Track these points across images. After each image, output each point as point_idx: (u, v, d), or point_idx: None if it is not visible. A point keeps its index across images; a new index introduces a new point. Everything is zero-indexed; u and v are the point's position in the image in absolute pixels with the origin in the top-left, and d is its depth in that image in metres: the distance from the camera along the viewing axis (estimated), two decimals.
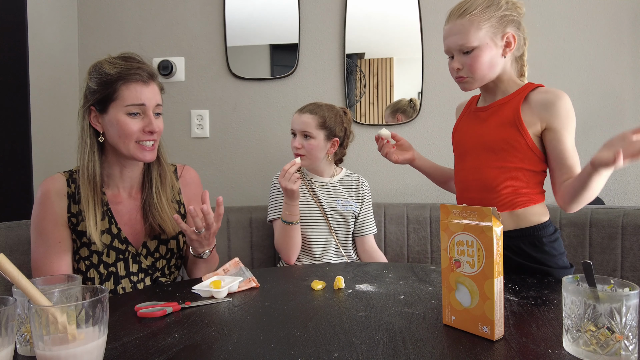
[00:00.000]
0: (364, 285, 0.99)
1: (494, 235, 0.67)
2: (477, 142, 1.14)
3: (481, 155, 1.13)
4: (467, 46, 1.06)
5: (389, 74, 1.92)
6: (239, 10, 1.96)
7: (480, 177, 1.13)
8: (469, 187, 1.17)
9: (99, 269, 1.11)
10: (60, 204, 1.10)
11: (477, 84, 1.12)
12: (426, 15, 1.89)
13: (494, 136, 1.11)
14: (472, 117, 1.20)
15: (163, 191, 1.19)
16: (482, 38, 1.05)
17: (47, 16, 1.86)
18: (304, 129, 1.54)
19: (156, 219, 1.15)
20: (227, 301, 0.91)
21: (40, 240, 1.09)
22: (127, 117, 1.09)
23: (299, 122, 1.55)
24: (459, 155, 1.22)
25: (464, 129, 1.22)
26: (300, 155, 1.54)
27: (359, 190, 1.64)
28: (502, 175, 1.09)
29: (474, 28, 1.05)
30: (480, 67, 1.07)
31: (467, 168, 1.17)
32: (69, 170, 1.16)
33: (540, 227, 1.10)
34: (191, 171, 1.32)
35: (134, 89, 1.09)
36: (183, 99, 2.01)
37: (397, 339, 0.69)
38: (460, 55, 1.09)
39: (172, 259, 1.22)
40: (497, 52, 1.08)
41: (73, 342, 0.57)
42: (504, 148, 1.08)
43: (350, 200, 1.61)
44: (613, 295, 0.60)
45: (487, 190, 1.11)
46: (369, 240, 1.63)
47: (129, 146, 1.10)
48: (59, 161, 1.84)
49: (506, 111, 1.10)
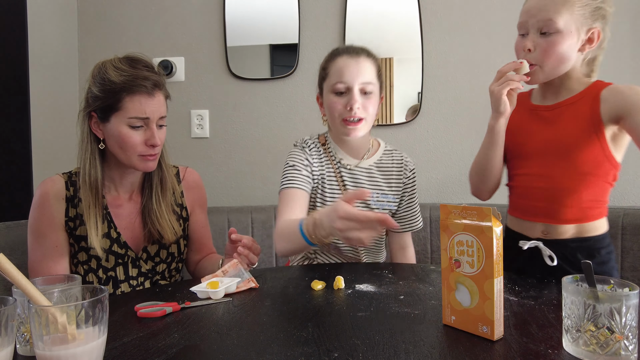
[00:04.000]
0: (364, 285, 0.99)
1: (494, 235, 0.67)
2: (546, 146, 1.02)
3: (551, 161, 1.01)
4: (551, 25, 0.93)
5: (389, 74, 1.92)
6: (239, 10, 1.96)
7: (548, 185, 1.02)
8: (533, 195, 1.06)
9: (98, 273, 1.10)
10: (58, 208, 1.08)
11: (545, 76, 0.99)
12: (426, 15, 1.89)
13: (568, 140, 0.99)
14: (533, 115, 1.07)
15: (163, 197, 1.17)
16: (569, 23, 0.93)
17: (47, 16, 1.86)
18: (366, 79, 1.16)
19: (155, 225, 1.14)
20: (226, 301, 0.90)
21: (37, 243, 1.07)
22: (130, 129, 1.05)
23: (356, 70, 1.15)
24: (518, 158, 1.09)
25: (525, 128, 1.07)
26: (359, 118, 1.16)
27: (401, 176, 1.27)
28: (574, 185, 0.99)
29: (566, 8, 0.93)
30: (554, 55, 0.95)
31: (531, 174, 1.06)
32: (68, 172, 1.14)
33: (600, 238, 1.02)
34: (194, 174, 1.30)
35: (138, 101, 1.05)
36: (183, 99, 2.01)
37: (397, 339, 0.69)
38: (537, 35, 0.96)
39: (172, 262, 1.21)
40: (576, 45, 0.95)
41: (73, 342, 0.57)
42: (579, 154, 0.97)
43: (387, 193, 1.26)
44: (613, 295, 0.60)
45: (556, 201, 1.01)
46: (405, 238, 1.34)
47: (131, 158, 1.08)
48: (59, 161, 1.84)
49: (580, 111, 0.98)
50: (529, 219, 1.08)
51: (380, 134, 1.94)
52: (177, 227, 1.18)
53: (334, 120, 1.19)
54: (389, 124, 1.94)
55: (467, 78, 1.89)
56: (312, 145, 1.27)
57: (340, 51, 1.20)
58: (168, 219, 1.16)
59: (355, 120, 1.16)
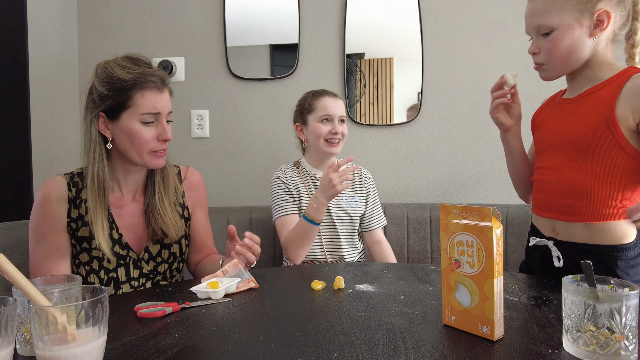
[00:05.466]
0: (364, 285, 0.99)
1: (494, 235, 0.67)
2: (560, 138, 0.99)
3: (564, 153, 0.97)
4: (545, 27, 0.94)
5: (389, 74, 1.92)
6: (239, 10, 1.96)
7: (558, 179, 0.99)
8: (544, 188, 1.04)
9: (100, 274, 1.10)
10: (60, 209, 1.07)
11: (556, 73, 0.99)
12: (426, 15, 1.89)
13: (580, 131, 0.94)
14: (557, 109, 1.05)
15: (166, 195, 1.17)
16: (564, 18, 0.92)
17: (47, 16, 1.86)
18: (342, 113, 1.55)
19: (159, 223, 1.14)
20: (227, 301, 0.91)
21: (39, 245, 1.06)
22: (142, 125, 1.06)
23: (336, 107, 1.54)
24: (538, 152, 1.08)
25: (547, 122, 1.06)
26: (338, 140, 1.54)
27: (363, 184, 1.62)
28: (584, 180, 0.94)
29: (555, 6, 0.92)
30: (558, 53, 0.94)
31: (544, 167, 1.03)
32: (70, 173, 1.13)
33: (620, 248, 0.92)
34: (195, 173, 1.30)
35: (149, 97, 1.06)
36: (183, 99, 2.01)
37: (397, 339, 0.69)
38: (538, 38, 0.97)
39: (174, 262, 1.21)
40: (582, 33, 0.92)
41: (73, 342, 0.57)
42: (589, 147, 0.93)
43: (354, 195, 1.58)
44: (613, 295, 0.60)
45: (565, 196, 0.97)
46: (377, 234, 1.61)
47: (143, 155, 1.08)
48: (59, 161, 1.84)
49: (598, 101, 0.93)
50: (541, 215, 1.07)
51: (381, 134, 1.94)
52: (180, 224, 1.19)
53: (319, 141, 1.53)
54: (389, 124, 1.94)
55: (467, 78, 1.89)
56: (287, 170, 1.60)
57: (322, 93, 1.57)
58: (172, 216, 1.16)
59: (336, 141, 1.54)
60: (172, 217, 1.16)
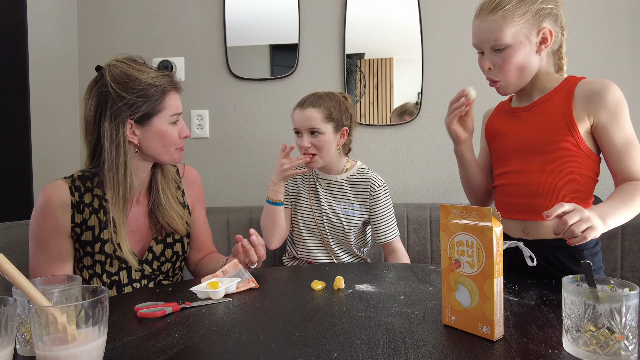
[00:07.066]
0: (364, 285, 0.99)
1: (494, 235, 0.67)
2: (522, 145, 1.05)
3: (527, 158, 1.04)
4: (500, 43, 0.98)
5: (389, 74, 1.92)
6: (239, 10, 1.96)
7: (526, 181, 1.04)
8: (511, 192, 1.07)
9: (102, 277, 1.10)
10: (64, 215, 1.05)
11: (512, 87, 1.04)
12: (426, 15, 1.89)
13: (541, 136, 1.02)
14: (511, 117, 1.11)
15: (168, 188, 1.19)
16: (515, 36, 0.97)
17: (47, 16, 1.86)
18: (311, 125, 1.41)
19: (166, 218, 1.15)
20: (227, 301, 0.91)
21: (40, 250, 1.05)
22: (170, 126, 1.11)
23: (303, 118, 1.42)
24: (498, 160, 1.13)
25: (503, 131, 1.11)
26: (311, 154, 1.43)
27: (368, 192, 1.48)
28: (551, 180, 1.00)
29: (506, 25, 0.97)
30: (512, 68, 1.00)
31: (510, 172, 1.08)
32: (71, 177, 1.10)
33: None
34: (193, 171, 1.32)
35: (175, 98, 1.13)
36: (183, 99, 1.98)
37: (397, 339, 0.69)
38: (492, 53, 1.01)
39: (177, 261, 1.21)
40: (532, 50, 0.99)
41: (73, 342, 0.57)
42: (553, 149, 1.00)
43: (354, 203, 1.49)
44: (613, 295, 0.60)
45: (533, 196, 1.03)
46: (390, 246, 1.51)
47: (172, 153, 1.13)
48: (59, 161, 1.84)
49: (553, 108, 1.01)
50: (509, 217, 1.09)
51: (381, 133, 1.94)
52: (186, 215, 1.21)
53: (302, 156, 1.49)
54: (388, 124, 1.94)
55: (467, 78, 1.88)
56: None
57: (299, 103, 1.47)
58: (177, 208, 1.18)
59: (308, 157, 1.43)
60: (178, 209, 1.18)
